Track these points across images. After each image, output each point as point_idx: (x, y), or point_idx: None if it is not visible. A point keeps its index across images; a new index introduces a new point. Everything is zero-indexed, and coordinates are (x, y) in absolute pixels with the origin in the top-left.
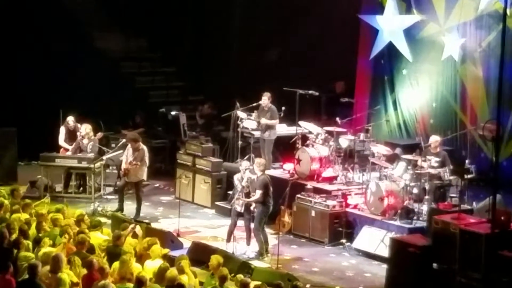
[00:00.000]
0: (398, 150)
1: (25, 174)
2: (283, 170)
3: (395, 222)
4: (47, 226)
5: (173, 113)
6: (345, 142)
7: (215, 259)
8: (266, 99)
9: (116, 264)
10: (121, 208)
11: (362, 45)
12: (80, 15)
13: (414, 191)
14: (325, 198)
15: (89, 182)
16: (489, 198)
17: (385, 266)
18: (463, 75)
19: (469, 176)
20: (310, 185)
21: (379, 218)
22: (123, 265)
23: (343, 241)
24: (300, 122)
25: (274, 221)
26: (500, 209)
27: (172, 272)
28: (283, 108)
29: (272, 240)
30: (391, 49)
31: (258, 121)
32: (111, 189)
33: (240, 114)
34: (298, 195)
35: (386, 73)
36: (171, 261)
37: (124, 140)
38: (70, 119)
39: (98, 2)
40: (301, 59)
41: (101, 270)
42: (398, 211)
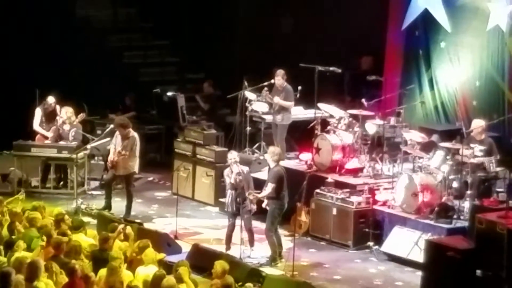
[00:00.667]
0: (435, 137)
1: None
2: (299, 161)
3: (432, 222)
4: (22, 227)
5: (169, 94)
6: (372, 127)
7: (220, 266)
8: (279, 78)
9: (103, 271)
10: (108, 205)
11: (393, 13)
12: None
13: (454, 185)
14: (348, 193)
15: (70, 176)
16: None
17: (419, 273)
18: None
19: None
20: (331, 178)
21: (413, 217)
22: (112, 272)
23: (370, 244)
24: (319, 104)
25: (289, 220)
26: None
27: (168, 280)
28: (299, 87)
29: (286, 243)
30: (427, 18)
31: (270, 102)
32: (97, 183)
33: (248, 95)
34: (317, 190)
35: (421, 46)
36: (168, 267)
37: (111, 126)
38: (51, 100)
39: None
40: (320, 30)
41: (85, 278)
42: (435, 209)
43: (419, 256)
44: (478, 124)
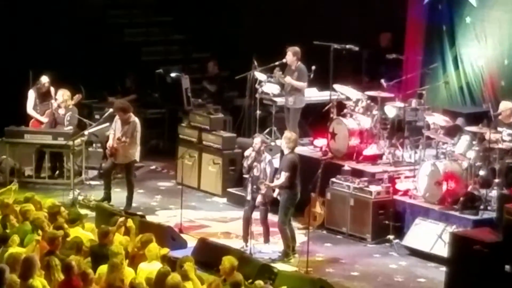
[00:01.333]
0: (460, 121)
1: None
2: (314, 147)
3: (457, 213)
4: (15, 220)
5: (172, 74)
6: (392, 110)
7: (228, 262)
8: (292, 56)
9: (103, 268)
10: (107, 197)
11: None
12: None
13: (481, 173)
14: (367, 182)
15: (67, 164)
16: None
17: (443, 269)
18: None
19: None
20: (348, 166)
21: (436, 207)
22: (113, 269)
23: (390, 237)
24: (335, 86)
25: (303, 212)
26: None
27: (174, 278)
28: (313, 67)
29: (300, 236)
30: None
31: (283, 83)
32: (95, 172)
33: (258, 75)
34: (333, 179)
35: (445, 21)
36: (172, 263)
37: (110, 110)
38: (45, 79)
39: None
40: (335, 4)
41: (83, 275)
42: (460, 199)
43: (443, 250)
44: (507, 106)
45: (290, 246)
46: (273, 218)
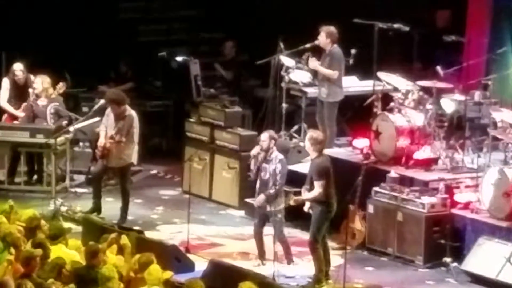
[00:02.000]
0: None
1: None
2: (353, 149)
3: None
4: None
5: (179, 59)
6: (450, 104)
7: None
8: (324, 37)
9: None
10: (97, 207)
11: None
12: None
13: None
14: (418, 192)
15: (47, 168)
16: None
17: None
18: None
19: None
20: (394, 172)
21: (504, 224)
22: None
23: (447, 260)
24: (379, 74)
25: (338, 229)
26: None
27: None
28: (353, 51)
29: (335, 258)
30: None
31: (314, 69)
32: (82, 178)
33: (285, 60)
34: (376, 188)
35: None
36: None
37: (102, 101)
38: (18, 68)
39: None
40: None
41: None
42: None
43: None
44: None
45: (323, 270)
46: (303, 235)
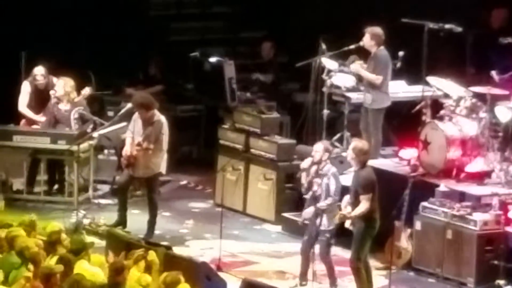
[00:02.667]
0: None
1: None
2: (399, 160)
3: None
4: None
5: (212, 59)
6: (506, 113)
7: None
8: (369, 39)
9: None
10: (122, 220)
11: None
12: None
13: None
14: (470, 208)
15: (69, 176)
16: None
17: None
18: None
19: None
20: (444, 186)
21: None
22: None
23: (500, 282)
24: (429, 78)
25: (383, 247)
26: None
27: None
28: (401, 53)
29: (379, 279)
30: None
31: (358, 74)
32: (107, 188)
33: (327, 63)
34: (424, 204)
35: None
36: None
37: (129, 105)
38: (39, 72)
39: None
40: None
41: None
42: None
43: None
44: None
45: None
46: (344, 253)
